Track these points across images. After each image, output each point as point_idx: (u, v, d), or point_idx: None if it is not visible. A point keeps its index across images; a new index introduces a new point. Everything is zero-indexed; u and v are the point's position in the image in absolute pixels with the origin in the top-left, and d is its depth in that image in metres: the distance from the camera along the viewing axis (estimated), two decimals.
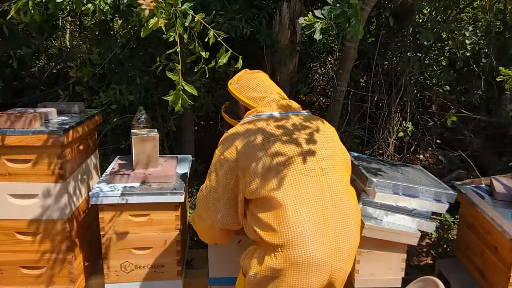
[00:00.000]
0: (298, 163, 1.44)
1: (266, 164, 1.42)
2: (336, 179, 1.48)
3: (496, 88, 3.35)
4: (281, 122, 1.52)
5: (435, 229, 2.36)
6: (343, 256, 1.42)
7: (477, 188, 2.12)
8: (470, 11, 3.67)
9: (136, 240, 1.94)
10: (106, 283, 1.98)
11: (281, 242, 1.37)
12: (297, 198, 1.39)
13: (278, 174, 1.41)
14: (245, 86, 1.67)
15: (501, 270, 1.85)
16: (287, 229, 1.36)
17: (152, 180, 1.98)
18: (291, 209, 1.38)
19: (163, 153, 2.83)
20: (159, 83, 2.92)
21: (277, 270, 1.38)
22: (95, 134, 2.37)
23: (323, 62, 4.34)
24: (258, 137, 1.47)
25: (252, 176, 1.42)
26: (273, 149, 1.44)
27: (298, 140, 1.48)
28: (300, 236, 1.36)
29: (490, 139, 3.52)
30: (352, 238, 1.45)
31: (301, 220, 1.37)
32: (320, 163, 1.46)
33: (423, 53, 3.46)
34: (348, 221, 1.45)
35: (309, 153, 1.46)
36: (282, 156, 1.44)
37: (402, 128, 3.34)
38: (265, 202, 1.42)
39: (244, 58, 3.44)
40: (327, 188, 1.44)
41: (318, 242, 1.37)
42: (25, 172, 1.83)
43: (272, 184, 1.40)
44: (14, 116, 1.79)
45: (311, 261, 1.36)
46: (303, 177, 1.42)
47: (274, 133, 1.48)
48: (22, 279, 1.95)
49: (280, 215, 1.38)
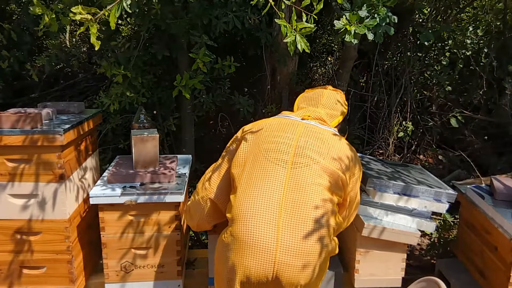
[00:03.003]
0: (274, 152, 1.51)
1: (247, 146, 1.57)
2: (306, 178, 1.45)
3: (496, 88, 3.35)
4: (290, 123, 1.62)
5: (435, 229, 2.36)
6: (292, 252, 1.36)
7: (477, 188, 2.12)
8: (470, 11, 3.66)
9: (136, 240, 1.94)
10: (106, 283, 1.98)
11: (231, 215, 1.44)
12: (256, 181, 1.45)
13: (252, 156, 1.53)
14: (305, 96, 1.82)
15: (501, 270, 1.85)
16: (237, 205, 1.43)
17: (152, 180, 1.98)
18: (247, 186, 1.46)
19: (163, 153, 2.82)
20: (160, 83, 2.92)
21: (225, 244, 1.43)
22: (95, 134, 2.37)
23: (323, 62, 4.34)
24: (263, 125, 1.62)
25: (236, 153, 1.58)
26: (261, 136, 1.57)
27: (288, 137, 1.55)
28: (245, 212, 1.40)
29: (490, 139, 3.52)
30: (307, 239, 1.38)
31: (252, 199, 1.42)
32: (295, 158, 1.49)
33: (423, 53, 3.46)
34: (304, 222, 1.39)
35: (290, 149, 1.51)
36: (266, 144, 1.54)
37: (402, 128, 3.34)
38: (234, 178, 1.54)
39: (244, 58, 3.45)
40: (293, 182, 1.45)
41: (263, 225, 1.37)
42: (25, 172, 1.83)
43: (243, 164, 1.53)
44: (14, 116, 1.79)
45: (253, 243, 1.36)
46: (271, 164, 1.48)
47: (273, 127, 1.60)
48: (22, 279, 1.95)
49: (237, 192, 1.47)
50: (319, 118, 1.68)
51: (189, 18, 2.38)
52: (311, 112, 1.69)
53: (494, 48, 3.26)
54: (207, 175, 1.70)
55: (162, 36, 2.64)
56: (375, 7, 1.61)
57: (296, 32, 1.46)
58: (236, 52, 3.24)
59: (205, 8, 2.39)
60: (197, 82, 2.32)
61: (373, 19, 1.59)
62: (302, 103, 1.78)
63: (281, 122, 1.62)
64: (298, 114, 1.69)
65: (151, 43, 2.64)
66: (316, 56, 4.05)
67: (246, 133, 1.63)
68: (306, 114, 1.67)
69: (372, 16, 1.60)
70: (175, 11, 2.43)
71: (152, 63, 2.75)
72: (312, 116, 1.67)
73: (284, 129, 1.58)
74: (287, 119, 1.65)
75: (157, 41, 2.64)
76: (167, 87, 2.94)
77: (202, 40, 2.30)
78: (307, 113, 1.68)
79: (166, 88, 2.94)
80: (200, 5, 2.35)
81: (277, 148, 1.52)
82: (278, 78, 3.10)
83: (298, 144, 1.52)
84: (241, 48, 3.29)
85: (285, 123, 1.61)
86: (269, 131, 1.59)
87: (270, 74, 3.05)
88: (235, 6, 2.41)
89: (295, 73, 3.11)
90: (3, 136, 1.77)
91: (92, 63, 4.12)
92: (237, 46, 3.29)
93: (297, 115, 1.68)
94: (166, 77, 2.94)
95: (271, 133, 1.57)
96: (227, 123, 3.30)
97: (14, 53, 2.85)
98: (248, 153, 1.56)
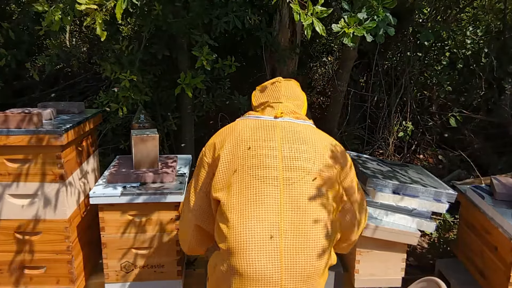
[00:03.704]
0: (261, 168, 1.36)
1: (226, 164, 1.40)
2: (302, 195, 1.33)
3: (496, 88, 3.35)
4: (264, 125, 1.47)
5: (435, 229, 2.36)
6: (298, 276, 1.27)
7: (477, 188, 2.12)
8: (470, 11, 3.67)
9: (136, 240, 1.94)
10: (106, 283, 1.98)
11: (227, 247, 1.30)
12: (249, 204, 1.31)
13: (236, 177, 1.36)
14: (260, 94, 1.65)
15: (501, 270, 1.85)
16: (233, 235, 1.29)
17: (152, 180, 1.98)
18: (240, 215, 1.30)
19: (163, 153, 2.82)
20: (160, 83, 2.93)
21: (224, 276, 1.31)
22: (95, 134, 2.37)
23: (323, 62, 4.34)
24: (233, 135, 1.44)
25: (214, 175, 1.41)
26: (240, 151, 1.40)
27: (270, 146, 1.40)
28: (244, 243, 1.27)
29: (490, 139, 3.52)
30: (311, 259, 1.30)
31: (249, 229, 1.28)
32: (286, 172, 1.35)
33: (423, 53, 3.46)
34: (306, 240, 1.30)
35: (276, 161, 1.37)
36: (248, 159, 1.38)
37: (402, 128, 3.34)
38: (220, 206, 1.36)
39: (244, 58, 3.44)
40: (288, 201, 1.32)
41: (266, 255, 1.27)
42: (25, 172, 1.83)
43: (228, 187, 1.35)
44: (14, 116, 1.79)
45: (257, 276, 1.25)
46: (262, 184, 1.33)
47: (248, 135, 1.43)
48: (22, 279, 1.95)
49: (229, 219, 1.32)
50: (292, 111, 1.54)
51: (190, 18, 2.38)
52: (282, 107, 1.54)
53: (494, 48, 3.26)
54: (185, 200, 1.57)
55: (162, 36, 2.64)
56: (374, 9, 1.61)
57: (313, 16, 1.46)
58: (236, 52, 3.24)
59: (206, 8, 2.39)
60: (199, 82, 2.32)
61: (372, 21, 1.59)
62: (261, 99, 1.62)
63: (255, 127, 1.46)
64: (268, 112, 1.53)
65: (151, 43, 2.64)
66: (316, 56, 4.05)
67: (217, 151, 1.45)
68: (278, 111, 1.52)
69: (371, 18, 1.60)
70: (176, 11, 2.43)
71: (152, 63, 2.75)
72: (285, 112, 1.52)
73: (262, 136, 1.42)
74: (258, 120, 1.49)
75: (157, 41, 2.64)
76: (167, 87, 2.94)
77: (203, 39, 2.30)
78: (278, 110, 1.53)
79: (166, 88, 2.94)
80: (201, 5, 2.36)
81: (263, 163, 1.36)
82: None
83: (284, 154, 1.38)
84: (241, 48, 3.30)
85: (259, 127, 1.45)
86: (245, 141, 1.42)
87: (270, 74, 3.05)
88: (236, 6, 2.41)
89: (295, 73, 3.11)
90: (3, 136, 1.77)
91: (92, 63, 4.12)
92: (237, 46, 3.29)
93: (268, 114, 1.52)
94: (166, 77, 2.94)
95: (250, 144, 1.41)
96: (227, 123, 3.29)
97: (12, 52, 2.85)
98: (229, 172, 1.39)
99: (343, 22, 1.58)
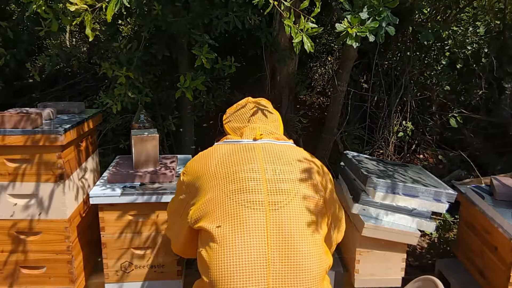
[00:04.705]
0: (244, 193, 1.26)
1: (204, 192, 1.30)
2: (290, 219, 1.24)
3: (496, 88, 3.35)
4: (243, 148, 1.40)
5: (435, 229, 2.36)
6: None
7: (477, 188, 2.12)
8: (470, 11, 3.66)
9: (136, 240, 1.94)
10: (106, 283, 1.98)
11: (209, 279, 1.20)
12: (233, 235, 1.21)
13: (218, 203, 1.26)
14: (231, 118, 1.58)
15: (501, 270, 1.85)
16: (216, 266, 1.19)
17: (152, 180, 1.98)
18: (223, 243, 1.20)
19: (163, 153, 2.83)
20: (160, 83, 2.93)
21: None
22: (95, 134, 2.37)
23: (323, 62, 4.34)
24: (211, 162, 1.36)
25: (193, 203, 1.32)
26: (218, 176, 1.31)
27: (251, 169, 1.31)
28: (229, 276, 1.17)
29: (490, 139, 3.52)
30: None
31: (233, 260, 1.18)
32: (272, 196, 1.26)
33: (423, 53, 3.46)
34: (296, 269, 1.20)
35: (260, 184, 1.28)
36: (230, 184, 1.29)
37: (402, 128, 3.34)
38: (202, 233, 1.29)
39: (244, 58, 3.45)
40: (275, 227, 1.22)
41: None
42: (25, 172, 1.83)
43: (208, 215, 1.26)
44: (14, 116, 1.79)
45: None
46: (246, 210, 1.24)
47: (227, 161, 1.35)
48: (22, 279, 1.95)
49: (212, 249, 1.22)
50: (271, 132, 1.48)
51: (190, 18, 2.38)
52: (260, 129, 1.47)
53: (494, 48, 3.26)
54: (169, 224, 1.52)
55: (162, 36, 2.65)
56: (376, 9, 1.61)
57: (303, 32, 1.45)
58: (236, 52, 3.24)
59: (206, 8, 2.39)
60: (199, 83, 2.32)
61: (374, 21, 1.58)
62: (235, 123, 1.54)
63: (234, 151, 1.38)
64: (246, 135, 1.45)
65: (151, 43, 2.64)
66: (316, 56, 4.05)
67: (195, 180, 1.37)
68: (257, 132, 1.45)
69: (373, 18, 1.60)
70: (176, 11, 2.43)
71: (152, 63, 2.75)
72: (264, 134, 1.46)
73: (241, 159, 1.34)
74: (237, 145, 1.41)
75: (157, 41, 2.64)
76: (167, 87, 2.94)
77: (203, 39, 2.30)
78: (257, 131, 1.46)
79: (166, 88, 2.94)
80: (201, 5, 2.36)
81: (246, 187, 1.27)
82: (278, 78, 3.11)
83: (267, 177, 1.30)
84: (241, 48, 3.30)
85: (238, 151, 1.38)
86: (225, 166, 1.34)
87: (270, 74, 3.05)
88: (236, 6, 2.41)
89: (295, 73, 3.12)
90: (3, 136, 1.77)
91: (92, 63, 4.12)
92: (237, 46, 3.30)
93: (247, 137, 1.45)
94: (166, 77, 2.95)
95: (230, 169, 1.32)
96: None
97: (11, 51, 2.85)
98: (209, 200, 1.29)
99: (347, 22, 1.58)
